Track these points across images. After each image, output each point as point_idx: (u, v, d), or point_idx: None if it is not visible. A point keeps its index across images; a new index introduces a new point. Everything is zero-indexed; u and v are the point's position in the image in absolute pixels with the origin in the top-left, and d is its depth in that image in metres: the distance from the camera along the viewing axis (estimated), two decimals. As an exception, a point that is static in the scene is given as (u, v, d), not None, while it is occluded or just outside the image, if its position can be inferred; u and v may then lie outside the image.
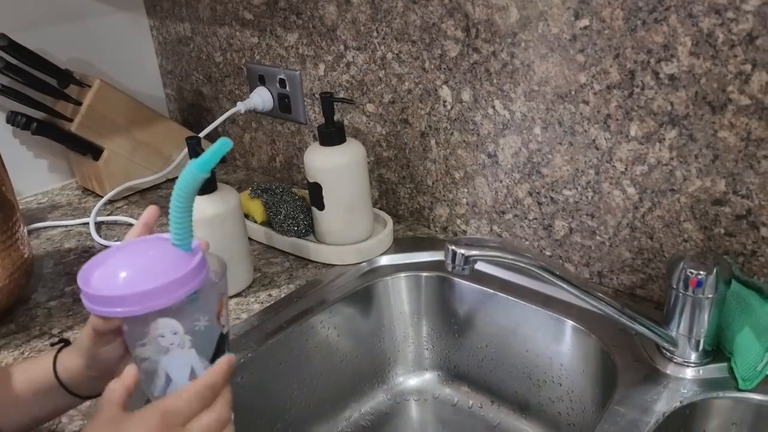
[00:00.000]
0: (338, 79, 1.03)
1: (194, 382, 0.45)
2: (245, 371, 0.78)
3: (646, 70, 0.71)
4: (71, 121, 1.13)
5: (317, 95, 1.07)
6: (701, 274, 0.65)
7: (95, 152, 1.17)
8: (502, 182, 0.89)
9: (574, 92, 0.77)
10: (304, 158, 0.92)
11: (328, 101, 0.89)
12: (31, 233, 1.10)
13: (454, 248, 0.62)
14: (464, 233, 0.98)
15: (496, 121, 0.86)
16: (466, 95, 0.88)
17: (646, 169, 0.75)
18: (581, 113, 0.78)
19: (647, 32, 0.69)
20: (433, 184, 0.98)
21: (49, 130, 1.14)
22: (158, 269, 0.43)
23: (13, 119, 1.11)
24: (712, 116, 0.68)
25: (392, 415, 0.93)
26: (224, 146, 0.44)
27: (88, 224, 1.10)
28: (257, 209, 1.00)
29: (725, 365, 0.70)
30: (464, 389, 0.94)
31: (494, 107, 0.86)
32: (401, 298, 0.92)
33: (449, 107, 0.90)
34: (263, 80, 1.14)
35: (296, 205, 0.97)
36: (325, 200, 0.91)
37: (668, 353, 0.71)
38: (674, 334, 0.70)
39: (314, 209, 0.94)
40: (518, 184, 0.87)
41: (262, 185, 1.03)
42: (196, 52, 1.27)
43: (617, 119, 0.75)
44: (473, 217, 0.95)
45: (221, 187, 0.86)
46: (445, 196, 0.97)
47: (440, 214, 0.99)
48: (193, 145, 0.83)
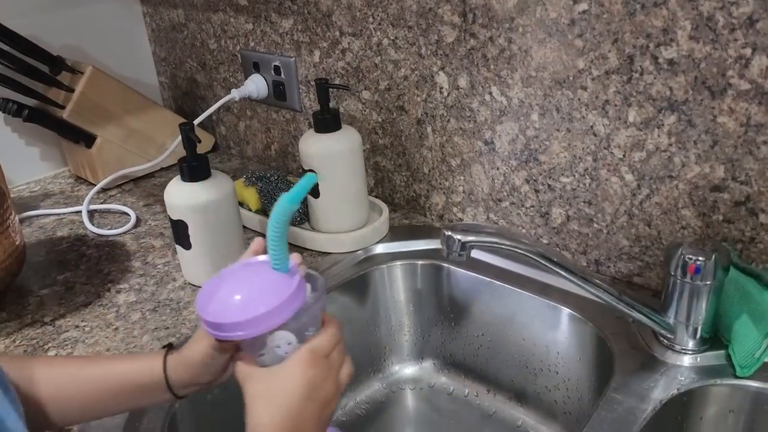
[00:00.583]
0: (334, 65, 1.02)
1: (326, 326, 0.52)
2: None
3: (645, 54, 0.70)
4: (63, 108, 1.11)
5: (312, 82, 1.06)
6: (700, 260, 0.64)
7: (88, 140, 1.15)
8: (498, 169, 0.88)
9: (572, 78, 0.76)
10: (299, 145, 0.91)
11: (323, 87, 0.88)
12: (23, 221, 1.09)
13: (450, 234, 0.62)
14: (461, 221, 0.97)
15: (493, 107, 0.85)
16: (462, 81, 0.87)
17: (644, 155, 0.74)
18: (579, 99, 0.77)
19: (646, 16, 0.68)
20: (429, 171, 0.97)
21: (40, 117, 1.12)
22: (267, 293, 0.48)
23: (4, 106, 1.10)
24: (711, 101, 0.67)
25: (388, 403, 0.93)
26: (310, 180, 0.49)
27: (80, 212, 1.09)
28: (252, 197, 0.99)
29: (723, 353, 0.69)
30: (460, 378, 0.94)
31: (491, 93, 0.85)
32: (397, 286, 0.92)
33: (446, 94, 0.89)
34: (258, 67, 1.12)
35: (291, 192, 0.96)
36: (320, 188, 0.90)
37: (666, 341, 0.71)
38: (672, 321, 0.69)
39: (309, 197, 0.93)
40: (515, 171, 0.87)
41: (256, 173, 1.02)
42: (189, 39, 1.26)
43: (616, 105, 0.74)
44: (470, 205, 0.94)
45: (215, 174, 0.85)
46: (441, 184, 0.96)
47: (436, 202, 0.99)
48: (186, 131, 0.82)
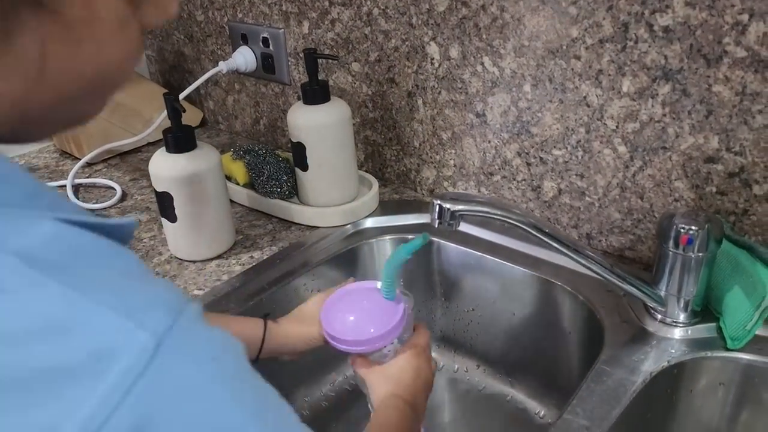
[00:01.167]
0: (323, 37, 1.00)
1: (419, 329, 0.68)
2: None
3: (640, 22, 0.68)
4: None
5: (301, 54, 1.04)
6: (693, 230, 0.63)
7: (72, 113, 1.13)
8: (490, 142, 0.87)
9: (565, 47, 0.75)
10: (287, 117, 0.89)
11: (311, 57, 0.86)
12: (6, 196, 1.07)
13: (440, 203, 0.60)
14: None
15: (484, 78, 0.84)
16: (454, 52, 0.85)
17: (637, 126, 0.73)
18: (572, 69, 0.75)
19: (642, -18, 0.67)
20: (419, 145, 0.96)
21: (23, 89, 1.10)
22: (382, 317, 0.64)
23: (-15, 78, 1.07)
24: (706, 70, 0.66)
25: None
26: (425, 238, 0.62)
27: (65, 187, 1.07)
28: (240, 171, 0.97)
29: (714, 325, 0.69)
30: (450, 353, 0.93)
31: (483, 64, 0.83)
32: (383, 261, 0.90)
33: (437, 65, 0.88)
34: (246, 39, 1.10)
35: (279, 166, 0.95)
36: (308, 160, 0.89)
37: (657, 314, 0.70)
38: (663, 293, 0.68)
39: (298, 170, 0.91)
40: (507, 144, 0.85)
41: (244, 147, 1.00)
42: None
43: (609, 75, 0.73)
44: (461, 179, 0.93)
45: (201, 145, 0.83)
46: (432, 157, 0.95)
47: (427, 176, 0.97)
48: (170, 101, 0.80)
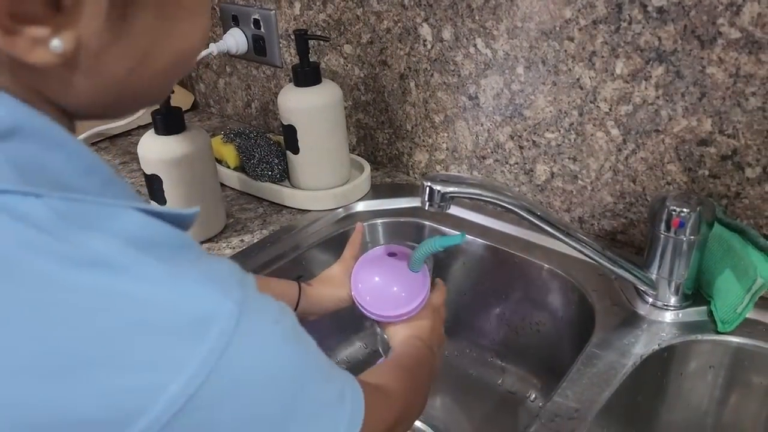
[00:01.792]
0: (315, 18, 0.98)
1: (438, 287, 0.73)
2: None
3: (633, 2, 0.68)
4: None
5: (293, 36, 1.03)
6: (684, 212, 0.63)
7: (61, 95, 1.12)
8: (483, 126, 0.86)
9: (558, 28, 0.74)
10: (278, 100, 0.88)
11: (302, 39, 0.85)
12: (-6, 179, 1.05)
13: (430, 185, 0.60)
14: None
15: (477, 60, 0.83)
16: (446, 33, 0.84)
17: (630, 109, 0.72)
18: (566, 51, 0.75)
19: (636, -38, 0.66)
20: (412, 128, 0.95)
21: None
22: (411, 291, 0.68)
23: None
24: (700, 51, 0.66)
25: (369, 363, 0.92)
26: (463, 237, 0.66)
27: (54, 170, 1.06)
28: (230, 154, 0.96)
29: (704, 308, 0.69)
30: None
31: (476, 46, 0.82)
32: (378, 244, 0.90)
33: (429, 47, 0.87)
34: (237, 21, 1.09)
35: (271, 149, 0.94)
36: (300, 143, 0.88)
37: (648, 297, 0.70)
38: (654, 277, 0.68)
39: (289, 153, 0.91)
40: (500, 127, 0.85)
41: (235, 129, 0.99)
42: (166, -8, 1.21)
43: (603, 56, 0.72)
44: (453, 162, 0.92)
45: (190, 127, 0.82)
46: (424, 141, 0.94)
47: (419, 160, 0.97)
48: (159, 81, 0.79)
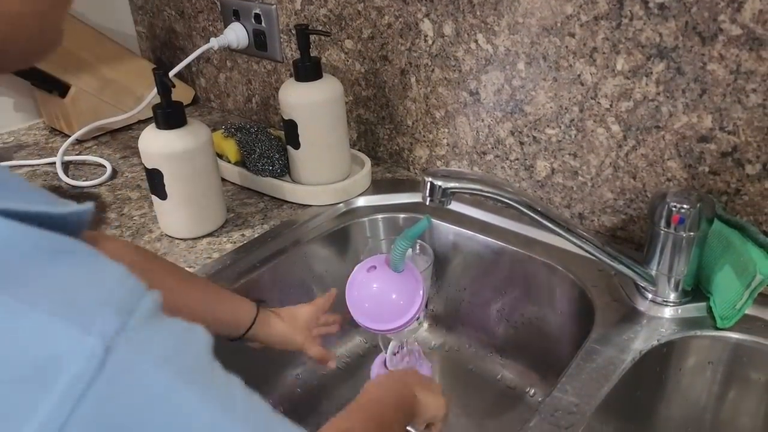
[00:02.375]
0: (315, 13, 0.98)
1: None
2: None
3: (635, -2, 0.68)
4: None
5: (293, 31, 1.03)
6: (684, 208, 0.63)
7: (62, 90, 1.12)
8: (483, 121, 0.86)
9: (560, 24, 0.74)
10: (279, 95, 0.88)
11: (303, 34, 0.85)
12: (-5, 173, 1.05)
13: (431, 180, 0.60)
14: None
15: (478, 56, 0.83)
16: (447, 29, 0.84)
17: (631, 105, 0.73)
18: (567, 47, 0.75)
19: (638, -42, 0.66)
20: (413, 124, 0.95)
21: (11, 65, 1.08)
22: (410, 290, 0.68)
23: (-28, 52, 1.05)
24: (701, 48, 0.66)
25: (368, 357, 0.92)
26: (428, 221, 0.65)
27: (54, 164, 1.06)
28: (231, 149, 0.96)
29: (704, 305, 0.69)
30: (441, 332, 0.93)
31: (477, 41, 0.82)
32: (378, 239, 0.90)
33: (430, 42, 0.87)
34: (238, 15, 1.08)
35: (271, 144, 0.94)
36: (300, 138, 0.88)
37: (647, 293, 0.70)
38: (654, 273, 0.68)
39: (290, 148, 0.91)
40: (500, 123, 0.85)
41: (236, 124, 0.99)
42: (167, -14, 1.21)
43: (604, 52, 0.72)
44: (454, 158, 0.92)
45: (191, 122, 0.82)
46: (425, 136, 0.94)
47: (420, 155, 0.97)
48: (160, 76, 0.79)
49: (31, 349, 0.26)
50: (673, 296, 0.69)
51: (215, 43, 1.06)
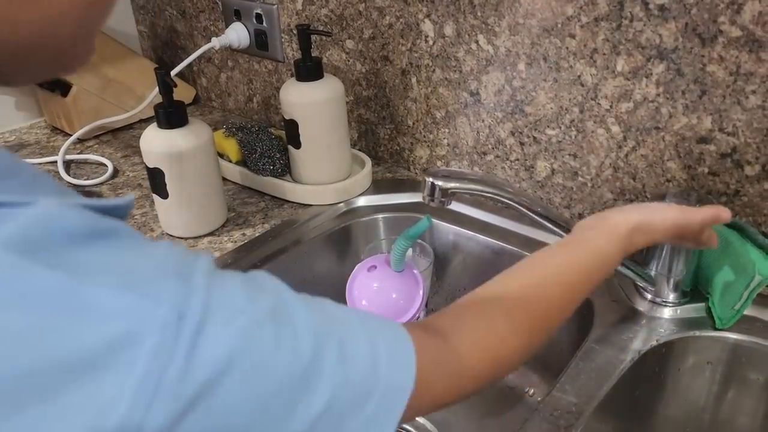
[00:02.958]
0: (317, 13, 0.98)
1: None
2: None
3: (635, 0, 0.68)
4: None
5: (295, 31, 1.03)
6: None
7: (63, 89, 1.12)
8: (484, 122, 0.87)
9: (560, 25, 0.74)
10: (280, 94, 0.89)
11: (304, 33, 0.85)
12: (-4, 171, 1.06)
13: (432, 180, 0.60)
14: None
15: (479, 57, 0.83)
16: (448, 29, 0.84)
17: (631, 106, 0.73)
18: (567, 48, 0.75)
19: (638, -41, 0.66)
20: (413, 124, 0.95)
21: (13, 63, 1.08)
22: (410, 290, 0.69)
23: (-26, 51, 1.06)
24: (701, 49, 0.66)
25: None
26: (429, 221, 0.68)
27: (56, 163, 1.06)
28: (232, 148, 0.97)
29: (703, 305, 0.69)
30: (441, 332, 0.93)
31: (477, 42, 0.82)
32: (379, 239, 0.91)
33: (431, 42, 0.87)
34: (239, 15, 1.09)
35: (272, 143, 0.94)
36: (301, 138, 0.88)
37: (647, 293, 0.71)
38: (653, 273, 0.69)
39: (291, 148, 0.91)
40: (500, 123, 0.85)
41: (237, 123, 1.00)
42: (169, -15, 1.21)
43: (604, 53, 0.72)
44: (454, 158, 0.93)
45: (193, 121, 0.82)
46: (425, 136, 0.95)
47: (420, 155, 0.97)
48: (162, 75, 0.79)
49: (101, 326, 0.25)
50: (672, 297, 0.69)
51: (216, 42, 1.06)
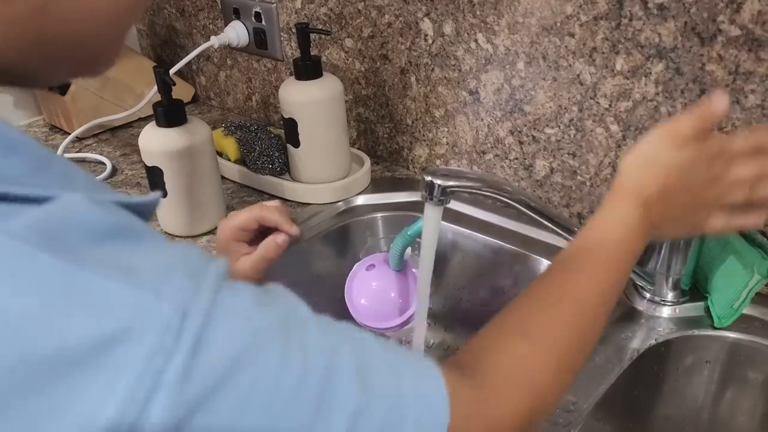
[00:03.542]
0: (316, 11, 0.98)
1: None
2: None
3: (634, -1, 0.68)
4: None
5: (294, 29, 1.03)
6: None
7: (62, 87, 1.12)
8: (483, 120, 0.87)
9: (559, 24, 0.74)
10: (279, 93, 0.88)
11: (303, 32, 0.85)
12: (-5, 170, 1.06)
13: (431, 179, 0.60)
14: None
15: (478, 55, 0.83)
16: (447, 28, 0.84)
17: (630, 105, 0.73)
18: (566, 46, 0.75)
19: (638, -42, 0.66)
20: (412, 123, 0.95)
21: (12, 62, 1.08)
22: (409, 289, 0.69)
23: (-27, 49, 1.06)
24: (700, 48, 0.66)
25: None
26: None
27: (55, 161, 1.06)
28: (231, 147, 0.97)
29: (702, 304, 0.69)
30: (441, 331, 0.93)
31: (477, 41, 0.82)
32: (377, 238, 0.91)
33: (430, 41, 0.87)
34: (238, 14, 1.09)
35: (271, 142, 0.94)
36: (300, 137, 0.88)
37: (645, 292, 0.71)
38: (652, 272, 0.69)
39: (290, 147, 0.91)
40: (500, 122, 0.85)
41: (236, 122, 1.00)
42: (168, -16, 1.21)
43: (603, 52, 0.72)
44: (453, 157, 0.93)
45: (191, 119, 0.82)
46: (424, 135, 0.95)
47: (419, 154, 0.97)
48: (161, 74, 0.79)
49: (93, 318, 0.24)
50: (671, 295, 0.69)
51: (215, 41, 1.06)
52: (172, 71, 1.00)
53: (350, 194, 0.92)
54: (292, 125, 0.88)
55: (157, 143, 0.80)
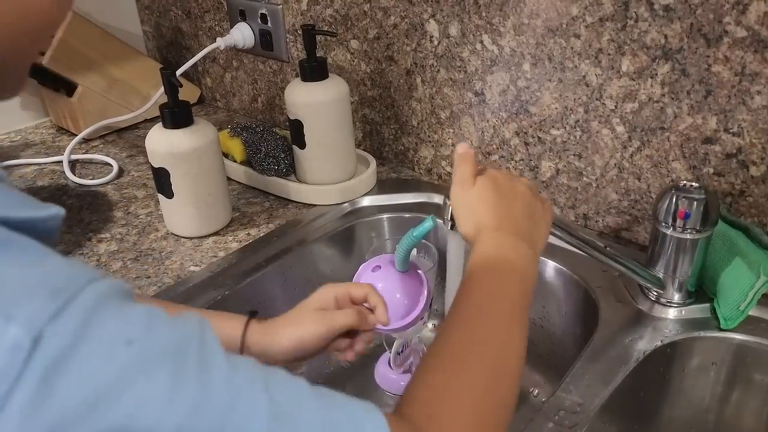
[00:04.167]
0: (321, 13, 0.99)
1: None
2: (221, 309, 0.76)
3: (640, 0, 0.68)
4: (42, 54, 1.08)
5: (299, 31, 1.03)
6: (693, 197, 0.63)
7: (69, 88, 1.12)
8: (488, 122, 0.87)
9: (565, 25, 0.74)
10: (285, 94, 0.89)
11: (309, 34, 0.86)
12: (2, 171, 1.06)
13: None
14: (449, 175, 0.95)
15: (484, 57, 0.83)
16: (453, 29, 0.84)
17: (636, 106, 0.73)
18: (572, 48, 0.75)
19: (643, -40, 0.66)
20: (418, 124, 0.95)
21: (19, 63, 1.09)
22: (413, 290, 0.69)
23: (-19, 51, 1.06)
24: (706, 49, 0.66)
25: (372, 357, 0.93)
26: (433, 221, 0.64)
27: (61, 162, 1.06)
28: (237, 148, 0.97)
29: (708, 306, 0.69)
30: (445, 332, 0.93)
31: (482, 42, 0.82)
32: (383, 239, 0.91)
33: (436, 43, 0.87)
34: (244, 15, 1.09)
35: (277, 143, 0.94)
36: (306, 138, 0.88)
37: (651, 294, 0.71)
38: (658, 274, 0.69)
39: (295, 148, 0.91)
40: (505, 123, 0.85)
41: (242, 123, 1.00)
42: (174, -14, 1.22)
43: (609, 54, 0.72)
44: (458, 158, 0.93)
45: (198, 121, 0.83)
46: (430, 137, 0.95)
47: (425, 155, 0.97)
48: (167, 75, 0.80)
49: None
50: (677, 297, 0.69)
51: (221, 42, 1.07)
52: (178, 73, 1.01)
53: (356, 195, 0.92)
54: (298, 127, 0.88)
55: (163, 144, 0.80)
